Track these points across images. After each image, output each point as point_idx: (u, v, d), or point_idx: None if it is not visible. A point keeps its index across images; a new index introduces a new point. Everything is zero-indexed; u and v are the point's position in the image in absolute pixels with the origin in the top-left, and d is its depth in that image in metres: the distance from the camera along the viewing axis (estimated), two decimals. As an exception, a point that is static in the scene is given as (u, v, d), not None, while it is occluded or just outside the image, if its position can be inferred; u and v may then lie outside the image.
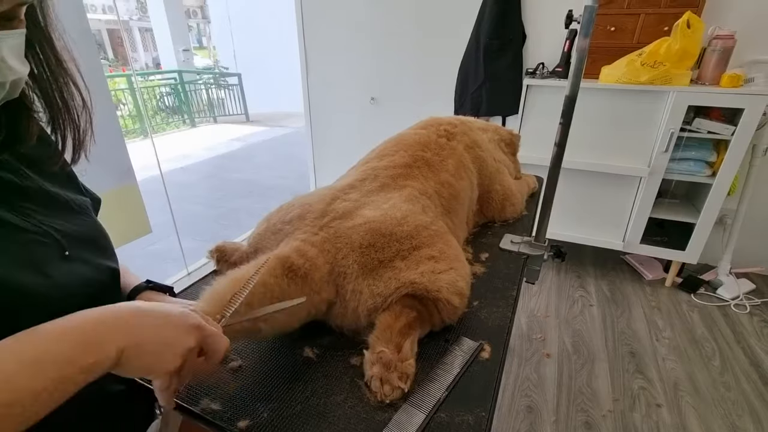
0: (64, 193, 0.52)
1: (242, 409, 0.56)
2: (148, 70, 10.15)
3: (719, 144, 1.84)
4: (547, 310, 1.95)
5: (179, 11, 8.72)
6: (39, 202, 0.48)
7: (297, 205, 0.77)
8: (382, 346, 0.60)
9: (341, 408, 0.56)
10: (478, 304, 0.78)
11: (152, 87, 6.87)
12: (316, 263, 0.64)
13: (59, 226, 0.48)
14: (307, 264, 0.63)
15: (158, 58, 9.41)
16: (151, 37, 10.61)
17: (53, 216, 0.48)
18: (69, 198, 0.53)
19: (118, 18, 2.59)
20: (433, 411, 0.56)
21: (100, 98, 1.63)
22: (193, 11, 12.55)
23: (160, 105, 6.98)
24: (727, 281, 2.05)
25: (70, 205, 0.52)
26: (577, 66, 0.84)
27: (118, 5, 12.04)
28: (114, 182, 1.73)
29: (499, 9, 2.11)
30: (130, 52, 13.07)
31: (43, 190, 0.49)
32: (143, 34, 13.01)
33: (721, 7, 1.83)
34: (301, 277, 0.62)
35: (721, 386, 1.53)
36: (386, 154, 0.94)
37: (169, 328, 0.41)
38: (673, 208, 2.05)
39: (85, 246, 0.51)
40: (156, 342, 0.40)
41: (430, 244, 0.72)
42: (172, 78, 7.13)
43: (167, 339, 0.41)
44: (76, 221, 0.52)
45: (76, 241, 0.49)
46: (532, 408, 1.44)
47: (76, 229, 0.51)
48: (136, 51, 13.35)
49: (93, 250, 0.52)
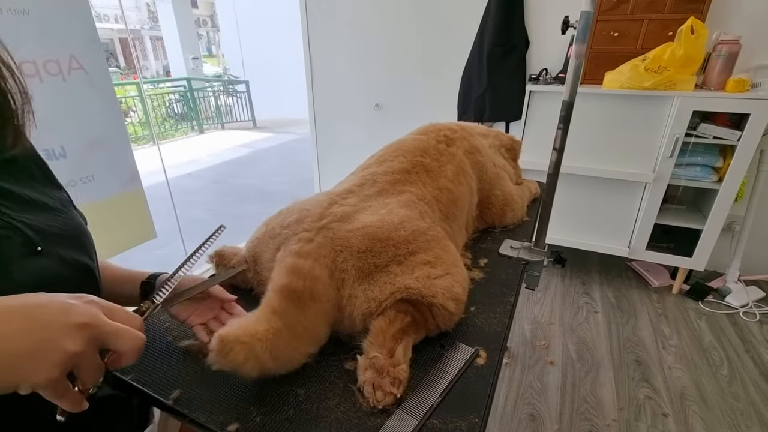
0: (33, 190, 0.51)
1: (234, 413, 0.56)
2: (157, 78, 10.32)
3: (725, 149, 1.82)
4: (551, 317, 1.93)
5: (189, 20, 8.89)
6: (8, 198, 0.46)
7: (295, 210, 0.78)
8: (376, 351, 0.60)
9: (334, 413, 0.56)
10: (475, 309, 0.78)
11: (162, 94, 6.99)
12: (314, 275, 0.64)
13: (30, 221, 0.46)
14: (307, 283, 0.62)
15: (168, 66, 9.59)
16: (162, 45, 10.80)
17: (24, 211, 0.47)
18: (41, 194, 0.52)
19: (126, 28, 2.67)
20: (425, 417, 0.56)
21: (109, 106, 1.66)
22: (203, 20, 12.78)
23: (169, 112, 7.09)
24: (735, 289, 2.02)
25: (43, 202, 0.51)
26: (575, 72, 0.84)
27: (131, 15, 12.28)
28: (120, 187, 1.75)
29: (502, 15, 2.12)
30: (141, 60, 13.33)
31: (6, 189, 0.47)
32: (154, 42, 13.26)
33: (726, 12, 1.82)
34: (309, 297, 0.61)
35: (729, 396, 1.50)
36: (385, 159, 0.95)
37: (36, 331, 0.32)
38: (679, 215, 2.02)
39: (61, 242, 0.50)
40: (10, 354, 0.31)
41: (427, 249, 0.72)
42: (181, 85, 7.25)
43: (31, 346, 0.32)
44: (51, 217, 0.51)
45: (50, 237, 0.48)
46: (534, 416, 1.42)
47: (51, 224, 0.49)
48: (146, 59, 13.60)
49: (69, 247, 0.50)
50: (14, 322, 0.32)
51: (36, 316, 0.33)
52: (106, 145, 1.67)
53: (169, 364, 0.65)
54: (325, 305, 0.63)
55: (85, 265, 0.52)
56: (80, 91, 1.54)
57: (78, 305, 0.36)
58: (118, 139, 1.72)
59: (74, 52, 1.50)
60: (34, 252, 0.45)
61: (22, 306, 0.33)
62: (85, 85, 1.56)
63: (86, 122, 1.59)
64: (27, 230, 0.45)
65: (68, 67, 1.50)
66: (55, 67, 1.46)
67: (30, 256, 0.44)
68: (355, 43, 2.56)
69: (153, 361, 0.66)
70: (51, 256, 0.46)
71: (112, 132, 1.69)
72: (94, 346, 0.35)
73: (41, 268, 0.44)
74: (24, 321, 0.32)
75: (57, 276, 0.46)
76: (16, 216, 0.45)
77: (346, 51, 2.60)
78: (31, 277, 0.43)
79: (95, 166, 1.63)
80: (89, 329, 0.35)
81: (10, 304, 0.33)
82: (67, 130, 1.52)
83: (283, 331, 0.56)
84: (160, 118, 6.84)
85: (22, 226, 0.45)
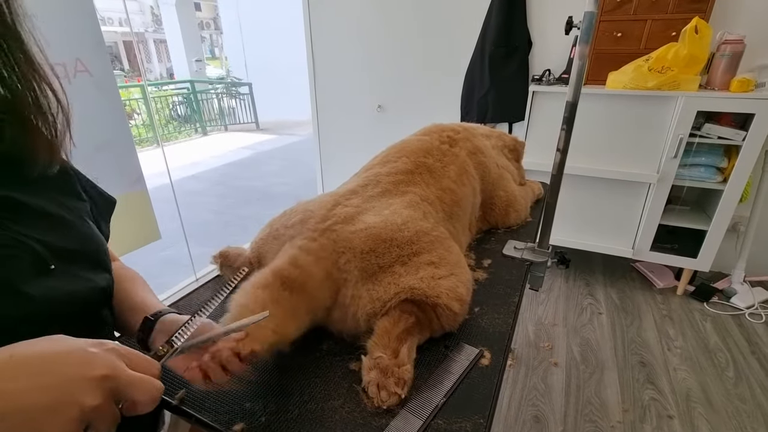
0: (52, 202, 0.49)
1: (239, 413, 0.56)
2: (161, 81, 10.38)
3: (730, 149, 1.81)
4: (554, 318, 1.92)
5: (192, 23, 8.95)
6: (18, 212, 0.44)
7: (299, 211, 0.78)
8: (380, 352, 0.60)
9: (338, 413, 0.56)
10: (479, 310, 0.78)
11: (165, 96, 7.03)
12: (310, 271, 0.64)
13: (43, 238, 0.44)
14: (301, 273, 0.63)
15: (172, 68, 9.65)
16: (165, 48, 10.87)
17: (37, 226, 0.45)
18: (60, 206, 0.49)
19: (131, 30, 2.70)
20: (430, 417, 0.56)
21: (114, 108, 1.68)
22: (206, 23, 12.84)
23: (173, 114, 7.13)
24: (741, 290, 2.01)
25: (60, 215, 0.49)
26: (579, 73, 0.84)
27: (135, 18, 12.37)
28: (125, 188, 1.77)
29: (505, 16, 2.12)
30: (145, 62, 13.42)
31: (20, 201, 0.44)
32: (158, 45, 13.35)
33: (730, 11, 1.82)
34: (299, 286, 0.62)
35: (735, 398, 1.49)
36: (389, 160, 0.95)
37: (55, 387, 0.31)
38: (684, 215, 2.01)
39: (76, 259, 0.48)
40: (28, 409, 0.29)
41: (431, 250, 0.72)
42: (184, 88, 7.29)
43: (50, 402, 0.30)
44: (67, 231, 0.48)
45: (64, 254, 0.46)
46: (539, 418, 1.42)
47: (65, 240, 0.47)
48: (150, 62, 13.69)
49: (83, 263, 0.49)
50: (33, 377, 0.30)
51: (55, 369, 0.32)
52: (110, 148, 1.68)
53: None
54: (310, 302, 0.63)
55: (99, 284, 0.50)
56: (85, 93, 1.55)
57: (99, 355, 0.34)
58: (122, 142, 1.73)
59: (80, 55, 1.51)
60: (46, 270, 0.43)
61: (40, 358, 0.32)
62: (91, 88, 1.57)
63: (91, 124, 1.60)
64: (38, 247, 0.43)
65: (74, 70, 1.51)
66: (61, 70, 1.47)
67: (42, 275, 0.42)
68: (357, 44, 2.57)
69: (158, 361, 0.66)
70: (64, 274, 0.44)
71: (117, 134, 1.70)
72: (112, 398, 0.34)
73: (54, 287, 0.42)
74: (43, 376, 0.31)
75: (70, 295, 0.45)
76: (27, 232, 0.43)
77: (349, 52, 2.61)
78: (43, 297, 0.41)
79: (100, 168, 1.64)
80: (109, 381, 0.33)
81: (27, 355, 0.32)
82: (72, 132, 1.53)
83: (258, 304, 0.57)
84: (163, 120, 6.87)
85: (33, 242, 0.42)
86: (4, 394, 0.29)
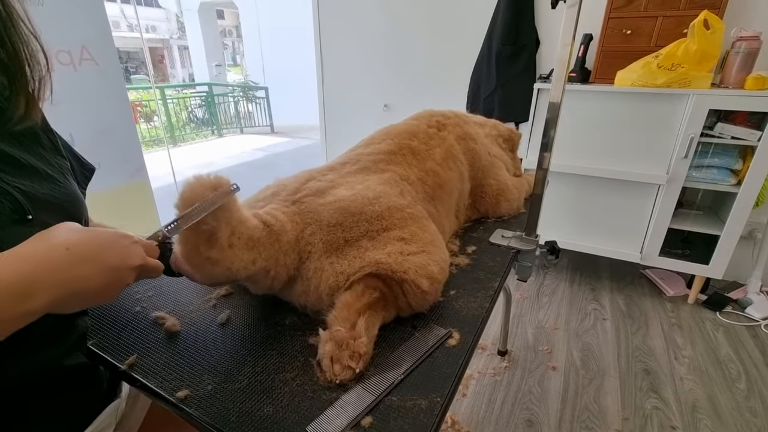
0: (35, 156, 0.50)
1: (186, 380, 0.54)
2: (180, 83, 10.65)
3: (745, 150, 1.73)
4: (556, 322, 1.85)
5: (214, 30, 9.19)
6: (5, 161, 0.46)
7: (273, 186, 0.77)
8: (339, 325, 0.58)
9: (289, 385, 0.54)
10: (455, 293, 0.75)
11: (183, 98, 7.20)
12: (285, 228, 0.63)
13: (25, 188, 0.46)
14: (277, 224, 0.62)
15: (193, 74, 9.90)
16: (188, 54, 11.17)
17: (20, 176, 0.46)
18: (42, 160, 0.51)
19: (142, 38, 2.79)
20: (384, 393, 0.52)
21: (118, 96, 1.71)
22: (228, 30, 13.17)
23: (191, 116, 7.28)
24: (757, 300, 1.90)
25: (42, 168, 0.50)
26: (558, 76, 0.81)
27: (161, 26, 12.80)
28: (127, 177, 1.79)
29: (512, 15, 2.10)
30: (169, 68, 13.85)
31: (4, 152, 0.46)
32: (182, 51, 13.77)
33: (745, 8, 1.75)
34: (275, 232, 0.61)
35: (746, 411, 1.39)
36: (372, 142, 0.93)
37: (108, 272, 0.42)
38: (695, 219, 1.92)
39: (54, 211, 0.49)
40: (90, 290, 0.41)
41: (402, 227, 0.69)
42: (203, 91, 7.45)
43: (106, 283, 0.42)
44: (48, 185, 0.50)
45: (43, 205, 0.47)
46: (532, 422, 1.35)
47: (46, 192, 0.48)
48: (174, 67, 14.12)
49: (61, 216, 0.48)
50: (94, 265, 0.41)
51: (107, 259, 0.42)
52: (114, 135, 1.71)
53: (132, 332, 0.64)
54: (278, 258, 0.61)
55: None
56: (90, 81, 1.59)
57: (133, 248, 0.46)
58: (125, 130, 1.76)
59: (86, 43, 1.55)
60: (24, 219, 0.44)
61: (97, 247, 0.42)
62: (96, 76, 1.60)
63: (95, 111, 1.63)
64: (19, 196, 0.44)
65: (79, 58, 1.55)
66: (66, 57, 1.51)
67: (19, 223, 0.44)
68: (363, 44, 2.57)
69: (117, 329, 0.65)
70: (41, 224, 0.45)
71: (120, 123, 1.73)
72: (139, 276, 0.48)
73: (29, 236, 0.43)
74: (100, 264, 0.41)
75: None
76: (9, 180, 0.44)
77: (356, 52, 2.62)
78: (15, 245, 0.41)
79: (102, 154, 1.67)
80: (140, 268, 0.46)
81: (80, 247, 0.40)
82: (76, 119, 1.57)
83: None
84: (181, 122, 7.02)
85: (14, 191, 0.44)
86: (72, 279, 0.39)
